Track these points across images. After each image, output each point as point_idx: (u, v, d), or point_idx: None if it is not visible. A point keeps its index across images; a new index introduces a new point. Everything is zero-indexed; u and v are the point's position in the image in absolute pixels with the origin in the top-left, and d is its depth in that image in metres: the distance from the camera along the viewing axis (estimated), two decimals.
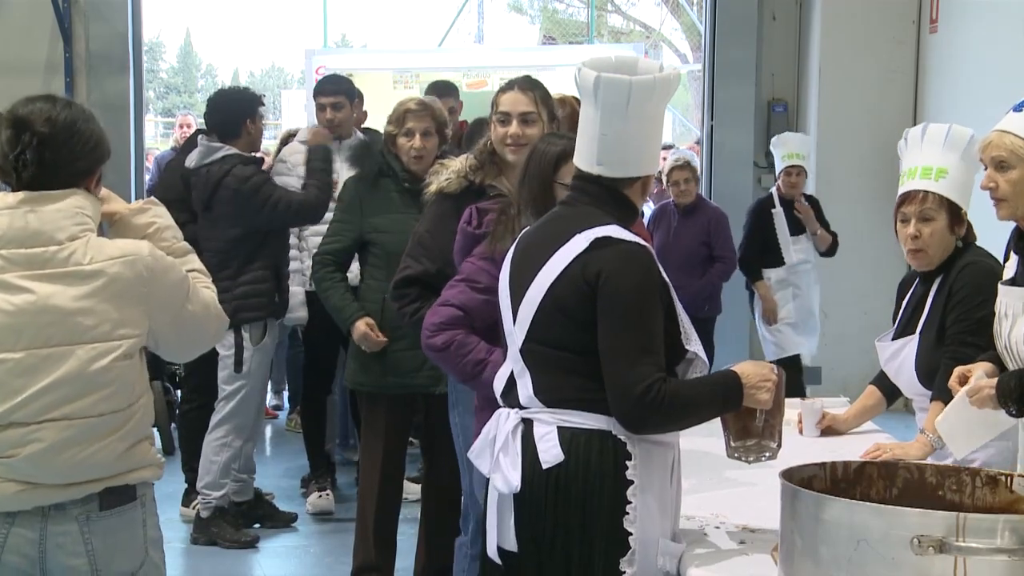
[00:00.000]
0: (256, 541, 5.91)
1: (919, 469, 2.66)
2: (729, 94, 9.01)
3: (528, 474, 2.81)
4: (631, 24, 22.69)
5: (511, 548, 2.85)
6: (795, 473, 2.55)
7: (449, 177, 3.98)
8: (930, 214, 3.56)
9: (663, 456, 2.84)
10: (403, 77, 12.30)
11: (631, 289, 2.75)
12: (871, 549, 2.24)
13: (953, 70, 7.91)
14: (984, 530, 2.19)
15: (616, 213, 2.87)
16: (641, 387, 2.70)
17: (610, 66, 2.86)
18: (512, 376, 2.91)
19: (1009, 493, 2.54)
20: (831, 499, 2.36)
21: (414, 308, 4.01)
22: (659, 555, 2.78)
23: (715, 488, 3.40)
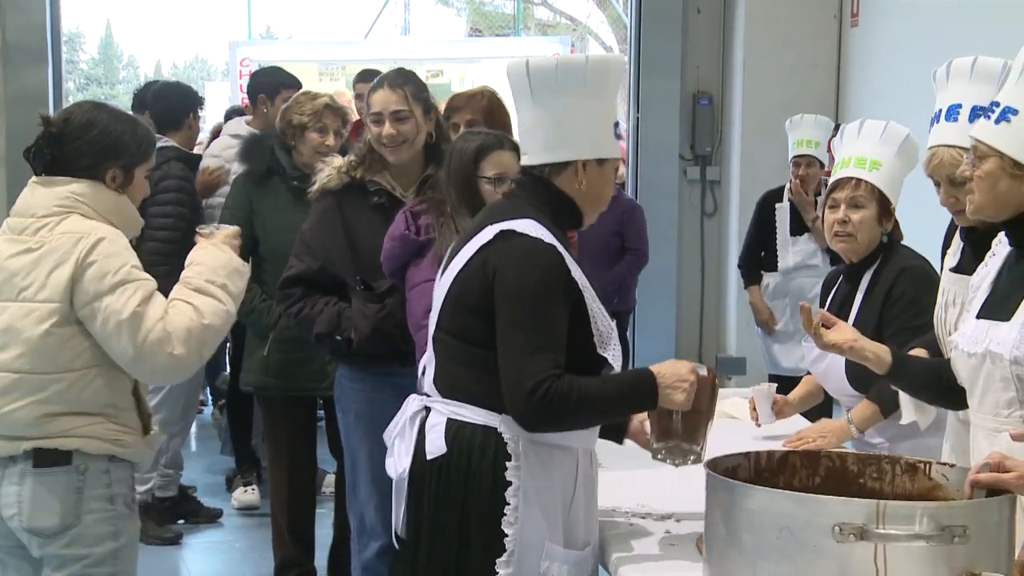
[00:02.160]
0: (180, 537, 5.86)
1: (841, 458, 2.70)
2: (654, 87, 9.05)
3: (416, 462, 2.80)
4: (558, 17, 22.71)
5: (400, 533, 2.87)
6: (720, 463, 2.56)
7: (331, 174, 3.96)
8: (861, 201, 3.60)
9: (560, 460, 2.78)
10: (329, 69, 12.24)
11: (525, 286, 2.69)
12: (794, 537, 2.26)
13: (873, 63, 8.01)
14: (903, 517, 2.22)
15: (548, 205, 2.83)
16: (531, 384, 2.63)
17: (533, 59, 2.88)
18: (425, 364, 2.92)
19: (928, 480, 2.58)
20: (755, 488, 2.38)
21: (298, 308, 3.99)
22: (544, 559, 2.73)
23: (641, 477, 3.42)
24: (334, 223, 3.96)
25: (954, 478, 2.53)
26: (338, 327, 3.93)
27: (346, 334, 3.91)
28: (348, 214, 3.97)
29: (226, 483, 6.68)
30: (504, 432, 2.73)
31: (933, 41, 6.96)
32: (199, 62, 40.22)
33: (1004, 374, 2.61)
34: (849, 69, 8.44)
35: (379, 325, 3.84)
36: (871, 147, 3.62)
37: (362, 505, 4.00)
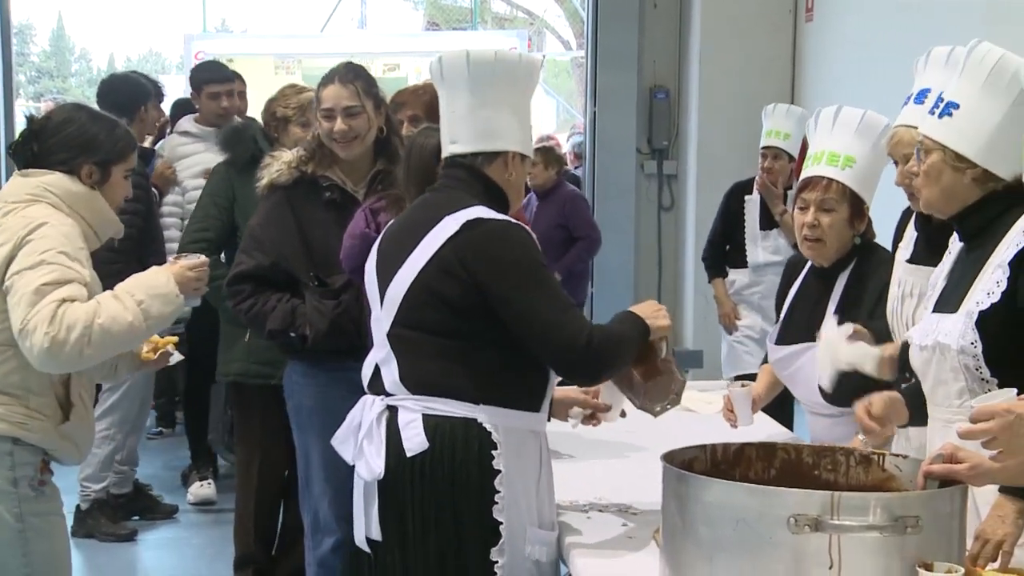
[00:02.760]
0: (135, 534, 5.82)
1: (796, 450, 2.71)
2: (611, 81, 9.07)
3: (392, 462, 2.79)
4: (515, 11, 22.70)
5: (375, 537, 2.84)
6: (676, 455, 2.57)
7: (280, 168, 3.94)
8: (831, 204, 3.45)
9: (531, 444, 2.85)
10: (285, 63, 12.18)
11: (520, 261, 2.77)
12: (750, 529, 2.28)
13: (828, 58, 8.06)
14: (857, 508, 2.24)
15: (482, 194, 2.88)
16: (583, 337, 2.74)
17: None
18: (378, 364, 2.90)
19: (881, 472, 2.60)
20: (711, 481, 2.40)
21: (249, 304, 3.95)
22: (527, 544, 2.79)
23: (598, 468, 3.44)
24: (285, 218, 3.94)
25: (907, 469, 2.56)
26: (292, 324, 3.90)
27: (300, 331, 3.89)
28: (299, 209, 3.94)
29: (182, 479, 6.65)
30: (485, 422, 2.77)
31: (886, 35, 7.01)
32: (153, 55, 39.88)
33: (953, 364, 2.64)
34: (804, 63, 8.50)
35: (335, 321, 3.82)
36: (846, 140, 3.47)
37: (316, 501, 3.99)
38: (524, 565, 2.81)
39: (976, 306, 2.60)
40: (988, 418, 2.22)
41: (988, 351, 2.58)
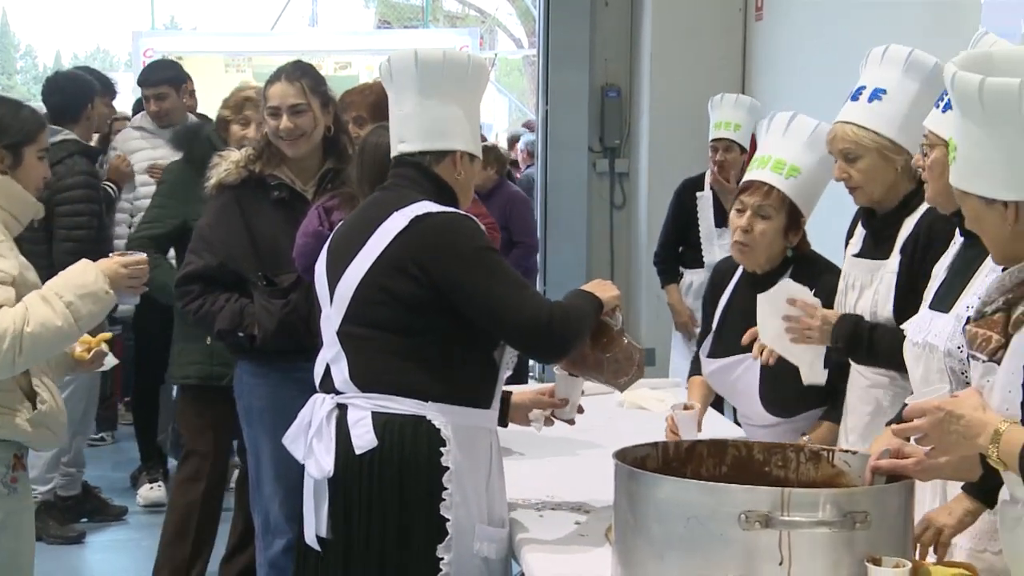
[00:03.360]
0: (83, 536, 5.77)
1: (747, 447, 2.74)
2: (563, 79, 9.09)
3: (342, 460, 2.79)
4: (466, 9, 22.68)
5: (325, 535, 2.83)
6: (628, 453, 2.59)
7: (228, 168, 3.92)
8: (768, 211, 3.42)
9: (481, 441, 2.86)
10: (235, 61, 12.10)
11: (469, 246, 2.80)
12: (701, 526, 2.29)
13: (778, 57, 8.12)
14: (807, 504, 2.26)
15: (431, 192, 2.89)
16: (544, 315, 2.78)
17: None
18: (328, 362, 2.90)
19: (831, 468, 2.63)
20: (662, 478, 2.41)
21: (197, 305, 3.93)
22: (476, 541, 2.80)
23: (551, 466, 3.44)
24: (233, 218, 3.92)
25: (856, 465, 2.58)
26: (240, 323, 3.88)
27: (249, 330, 3.87)
28: (247, 209, 3.92)
29: (131, 480, 6.59)
30: (434, 419, 2.77)
31: (835, 33, 7.08)
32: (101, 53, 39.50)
33: (940, 365, 2.65)
34: (754, 61, 8.56)
35: (284, 320, 3.81)
36: (795, 150, 3.44)
37: (267, 502, 3.96)
38: (473, 562, 2.81)
39: (967, 310, 2.59)
40: (920, 415, 2.24)
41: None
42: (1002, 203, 2.19)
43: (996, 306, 2.22)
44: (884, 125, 3.14)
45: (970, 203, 2.26)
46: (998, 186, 2.19)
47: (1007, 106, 2.12)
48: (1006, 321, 2.20)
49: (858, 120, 3.17)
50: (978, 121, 2.18)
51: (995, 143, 2.17)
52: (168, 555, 4.70)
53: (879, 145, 3.14)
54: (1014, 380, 2.15)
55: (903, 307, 3.09)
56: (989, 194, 2.20)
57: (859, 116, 3.18)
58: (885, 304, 3.15)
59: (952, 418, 2.20)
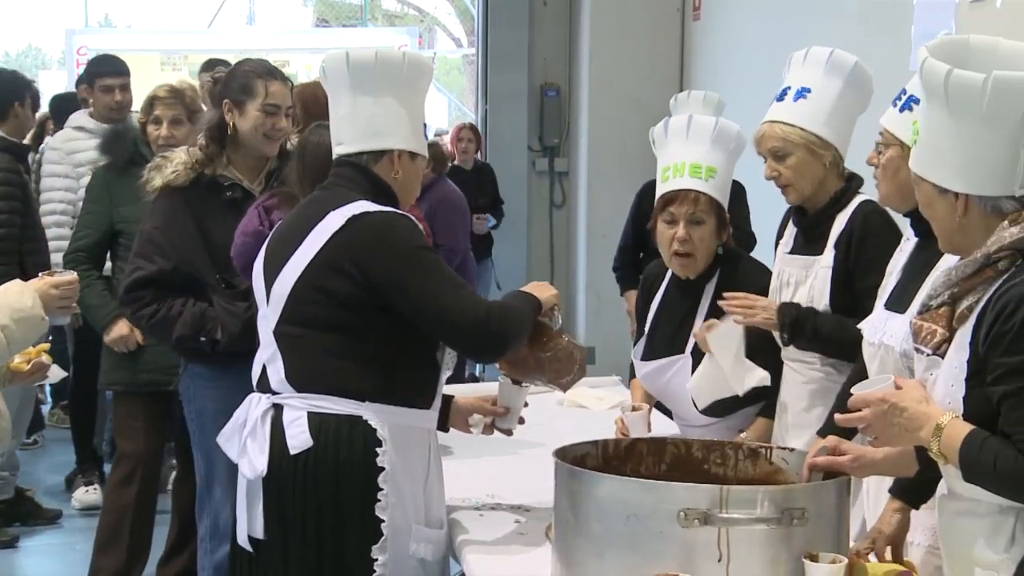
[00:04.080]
0: (16, 540, 5.68)
1: (686, 444, 2.75)
2: (503, 79, 9.11)
3: (276, 460, 2.77)
4: (405, 8, 22.59)
5: (258, 535, 2.81)
6: (568, 451, 2.59)
7: (176, 170, 3.84)
8: (701, 217, 3.43)
9: (419, 441, 2.84)
10: (171, 59, 12.00)
11: (405, 246, 2.77)
12: (641, 523, 2.30)
13: (715, 56, 8.18)
14: (745, 501, 2.28)
15: (369, 191, 2.86)
16: (482, 313, 2.75)
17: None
18: (264, 362, 2.88)
19: (769, 465, 2.65)
20: (602, 476, 2.42)
21: (151, 311, 3.84)
22: (413, 542, 2.79)
23: (491, 466, 3.44)
24: (185, 221, 3.84)
25: (794, 462, 2.60)
26: (203, 328, 3.83)
27: (212, 334, 3.82)
28: (199, 211, 3.86)
29: (66, 483, 6.50)
30: (370, 419, 2.75)
31: (772, 32, 7.13)
32: (33, 50, 38.91)
33: (897, 366, 2.67)
34: (692, 61, 8.61)
35: (249, 322, 3.76)
36: (703, 149, 3.44)
37: (217, 505, 3.92)
38: (409, 563, 2.80)
39: (920, 309, 2.63)
40: (864, 406, 2.26)
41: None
42: (954, 194, 2.22)
43: (941, 300, 2.24)
44: (810, 122, 3.20)
45: (924, 188, 2.28)
46: (952, 177, 2.21)
47: (971, 100, 2.15)
48: (951, 315, 2.22)
49: (785, 118, 3.23)
50: (942, 110, 2.19)
51: (955, 134, 2.19)
52: (102, 559, 4.65)
53: (806, 141, 3.20)
54: (957, 374, 2.18)
55: (839, 300, 3.15)
56: (943, 183, 2.22)
57: (786, 114, 3.23)
58: (821, 298, 3.20)
59: (895, 410, 2.22)
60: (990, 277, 2.17)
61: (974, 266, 2.19)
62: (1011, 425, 2.12)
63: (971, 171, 2.19)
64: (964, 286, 2.20)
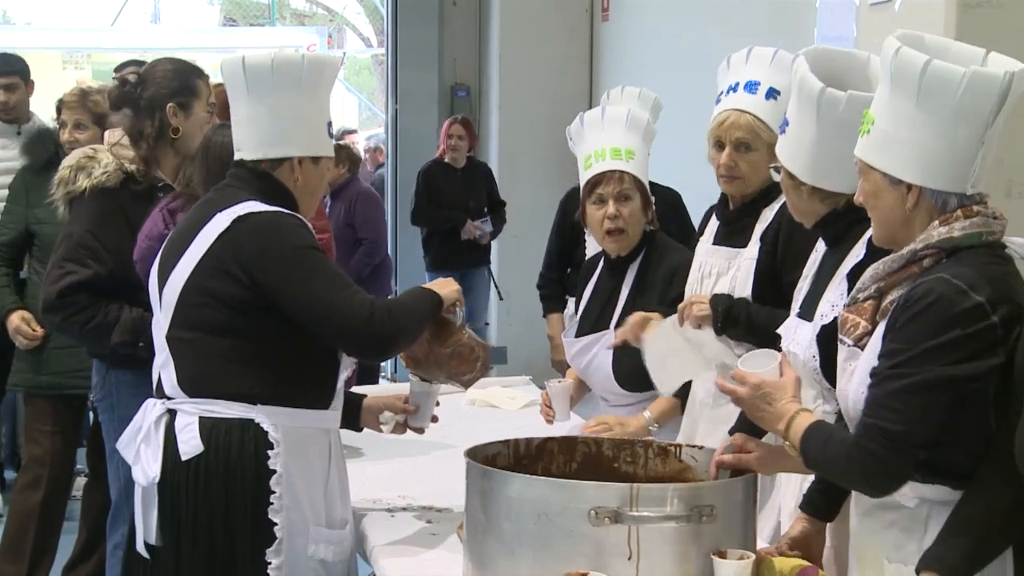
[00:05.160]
0: None
1: (596, 443, 2.77)
2: (412, 78, 9.09)
3: (169, 465, 2.74)
4: (314, 7, 22.45)
5: (153, 542, 2.78)
6: (479, 451, 2.59)
7: (106, 171, 3.76)
8: (629, 193, 3.54)
9: (316, 442, 2.81)
10: (73, 57, 11.80)
11: (289, 245, 2.73)
12: (551, 522, 2.30)
13: (624, 56, 8.24)
14: (655, 499, 2.29)
15: (261, 192, 2.82)
16: (365, 312, 2.70)
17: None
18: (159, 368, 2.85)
19: (678, 463, 2.67)
20: (513, 475, 2.42)
21: (86, 317, 3.73)
22: (311, 543, 2.77)
23: (401, 468, 3.43)
24: (120, 224, 3.75)
25: (702, 459, 2.63)
26: (141, 334, 3.75)
27: (150, 340, 3.75)
28: (132, 213, 3.76)
29: None
30: (262, 422, 2.72)
31: (679, 33, 7.21)
32: None
33: (806, 372, 2.70)
34: (601, 61, 8.67)
35: None
36: (621, 135, 3.57)
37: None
38: (308, 564, 2.78)
39: (820, 318, 2.66)
40: (743, 383, 2.36)
41: (827, 364, 2.60)
42: (906, 185, 2.22)
43: (868, 293, 2.27)
44: (776, 124, 3.05)
45: (872, 178, 2.26)
46: (908, 167, 2.21)
47: (945, 92, 2.16)
48: (875, 309, 2.26)
49: (758, 113, 3.20)
50: (909, 100, 2.19)
51: (920, 125, 2.19)
52: (4, 566, 4.56)
53: (771, 142, 3.13)
54: (872, 367, 2.21)
55: (762, 292, 3.17)
56: (897, 173, 2.22)
57: (758, 109, 3.20)
58: (743, 290, 3.22)
59: (765, 399, 2.33)
60: (914, 274, 2.20)
61: (900, 261, 2.22)
62: (866, 404, 2.19)
63: (929, 164, 2.19)
64: (890, 280, 2.24)
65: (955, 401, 2.11)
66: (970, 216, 2.19)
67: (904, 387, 2.12)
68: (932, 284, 2.13)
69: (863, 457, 2.15)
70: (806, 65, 2.63)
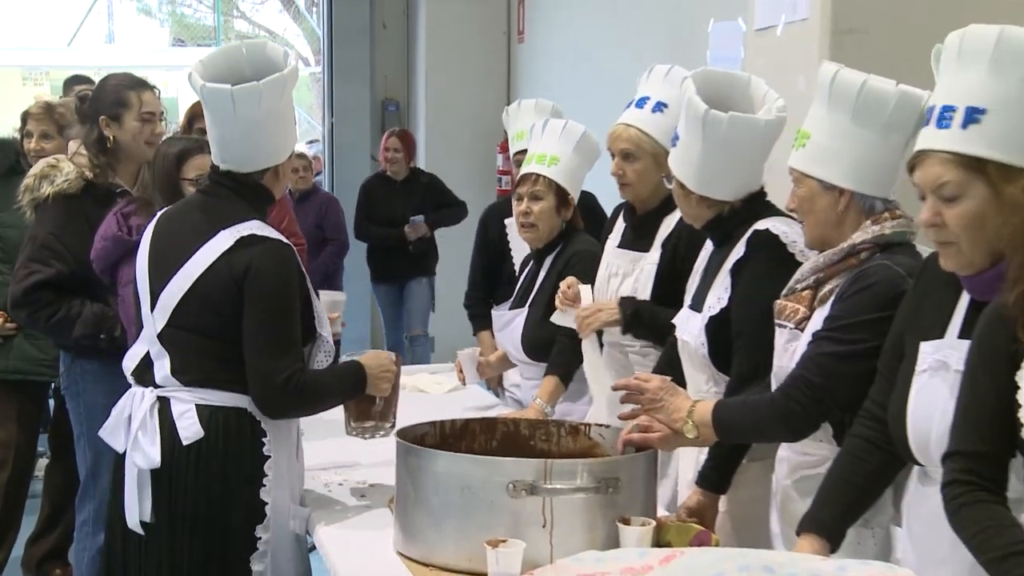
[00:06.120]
0: None
1: (515, 423, 2.78)
2: (346, 94, 9.06)
3: (168, 450, 2.71)
4: (256, 29, 22.19)
5: (147, 519, 2.75)
6: (409, 432, 2.60)
7: (68, 178, 3.74)
8: (540, 194, 3.64)
9: (288, 430, 2.83)
10: (33, 75, 11.59)
11: (276, 287, 2.69)
12: (474, 495, 2.31)
13: (538, 74, 8.27)
14: (567, 473, 2.31)
15: (252, 202, 2.80)
16: (283, 377, 2.66)
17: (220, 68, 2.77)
18: (148, 357, 2.80)
19: (588, 440, 2.69)
20: (439, 453, 2.43)
21: (51, 311, 3.74)
22: (290, 519, 2.79)
23: (336, 447, 3.40)
24: (81, 226, 3.74)
25: (609, 437, 2.65)
26: (102, 327, 3.72)
27: (111, 332, 3.72)
28: (92, 216, 3.75)
29: None
30: (254, 411, 2.72)
31: (586, 54, 7.26)
32: None
33: (697, 357, 2.74)
34: (518, 78, 8.69)
35: None
36: (552, 144, 3.67)
37: (103, 493, 3.81)
38: (287, 539, 2.80)
39: (708, 310, 2.70)
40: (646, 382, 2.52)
41: (714, 350, 2.69)
42: (838, 191, 2.30)
43: (807, 284, 2.37)
44: (662, 135, 3.16)
45: (808, 185, 2.34)
46: (842, 175, 2.31)
47: (879, 108, 2.26)
48: (813, 296, 2.35)
49: (640, 125, 3.22)
50: (845, 115, 2.28)
51: (854, 138, 2.29)
52: None
53: (655, 151, 3.19)
54: None
55: (661, 294, 3.21)
56: (832, 180, 2.32)
57: (642, 122, 3.23)
58: (644, 291, 3.25)
59: (668, 392, 2.48)
60: (852, 265, 2.30)
61: (840, 255, 2.32)
62: (800, 358, 2.30)
63: (861, 171, 2.30)
64: (829, 271, 2.33)
65: (873, 371, 2.19)
66: (896, 217, 2.32)
67: (834, 352, 2.25)
68: (877, 268, 2.25)
69: (787, 403, 2.30)
70: (693, 87, 2.67)
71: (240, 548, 2.72)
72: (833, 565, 1.82)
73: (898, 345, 2.12)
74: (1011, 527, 1.79)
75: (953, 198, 1.91)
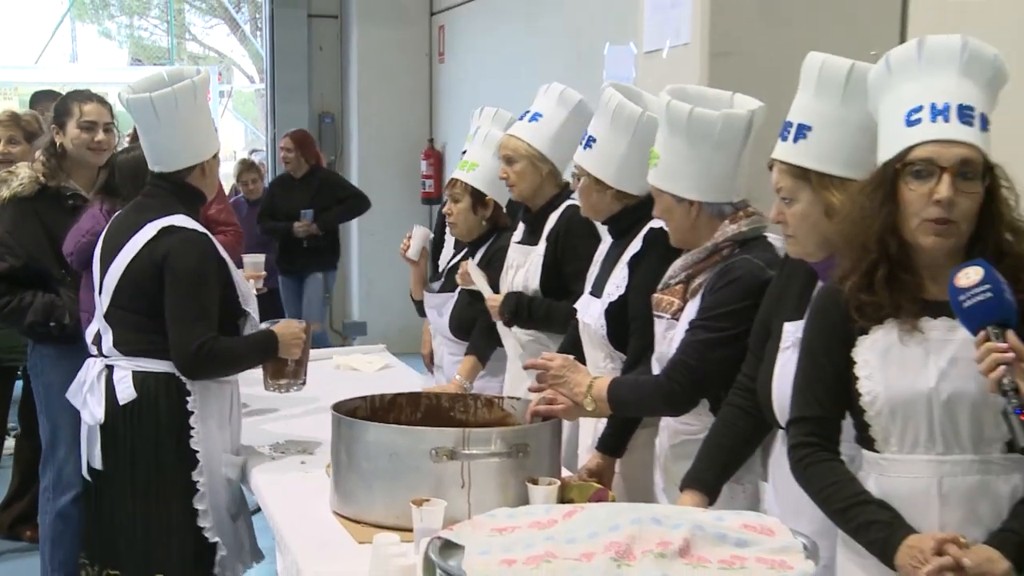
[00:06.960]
0: None
1: (437, 397, 2.75)
2: (287, 109, 9.02)
3: (109, 409, 2.83)
4: (206, 50, 21.78)
5: (97, 466, 2.87)
6: (343, 405, 2.57)
7: (23, 182, 3.70)
8: (457, 196, 3.60)
9: (220, 391, 2.88)
10: (3, 90, 11.23)
11: (188, 268, 2.78)
12: (400, 461, 2.29)
13: (457, 92, 8.24)
14: (482, 440, 2.30)
15: (184, 199, 2.88)
16: (195, 344, 2.75)
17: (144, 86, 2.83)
18: (99, 333, 2.91)
19: (501, 411, 2.68)
20: (370, 424, 2.40)
21: (4, 302, 3.68)
22: (223, 466, 2.86)
23: (279, 420, 3.36)
24: (34, 225, 3.69)
25: (520, 409, 2.64)
26: (51, 315, 3.64)
27: (60, 320, 3.65)
28: (45, 216, 3.71)
29: None
30: (180, 375, 2.81)
31: (499, 72, 7.25)
32: None
33: (596, 337, 2.73)
34: (439, 95, 8.66)
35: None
36: (476, 151, 3.63)
37: (61, 462, 3.77)
38: (221, 482, 2.88)
39: (607, 296, 2.70)
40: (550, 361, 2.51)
41: (612, 332, 2.69)
42: (688, 202, 2.35)
43: (679, 279, 2.39)
44: (537, 140, 3.23)
45: (664, 199, 2.39)
46: (689, 188, 2.35)
47: (708, 130, 2.29)
48: (685, 290, 2.38)
49: (519, 134, 3.26)
50: (682, 139, 2.31)
51: (692, 157, 2.32)
52: None
53: (530, 155, 3.24)
54: None
55: (547, 282, 3.23)
56: (681, 194, 2.36)
57: (521, 132, 3.27)
58: (533, 279, 3.27)
59: (570, 369, 2.47)
60: (716, 261, 2.33)
61: (705, 253, 2.35)
62: (680, 344, 2.32)
63: (702, 184, 2.34)
64: (696, 268, 2.36)
65: (741, 353, 2.23)
66: (750, 215, 2.36)
67: (707, 339, 2.28)
68: (740, 263, 2.29)
69: (670, 384, 2.32)
70: (620, 95, 2.65)
71: (180, 491, 2.81)
72: (711, 515, 1.83)
73: (766, 325, 2.14)
74: (850, 481, 1.85)
75: (789, 200, 2.02)
